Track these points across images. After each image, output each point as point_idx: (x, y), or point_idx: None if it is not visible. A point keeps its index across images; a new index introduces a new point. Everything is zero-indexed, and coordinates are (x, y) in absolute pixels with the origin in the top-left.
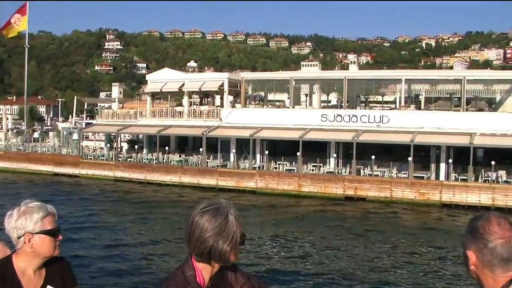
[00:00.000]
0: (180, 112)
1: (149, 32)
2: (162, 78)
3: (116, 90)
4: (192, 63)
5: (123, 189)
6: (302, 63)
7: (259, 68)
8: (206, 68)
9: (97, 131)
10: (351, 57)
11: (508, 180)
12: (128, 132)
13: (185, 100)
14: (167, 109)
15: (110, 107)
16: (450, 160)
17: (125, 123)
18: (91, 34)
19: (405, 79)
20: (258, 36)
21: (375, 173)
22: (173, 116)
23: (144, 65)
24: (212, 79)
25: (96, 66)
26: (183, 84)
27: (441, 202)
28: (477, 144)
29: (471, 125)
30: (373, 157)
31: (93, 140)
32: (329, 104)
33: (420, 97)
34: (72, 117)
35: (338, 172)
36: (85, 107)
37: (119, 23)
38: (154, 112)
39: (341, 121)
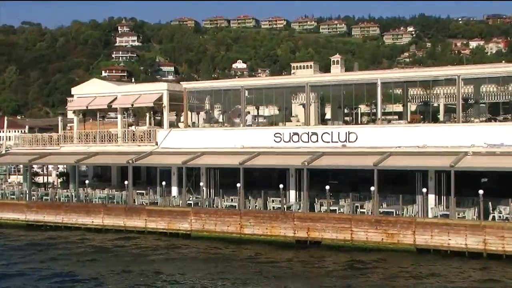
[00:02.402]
0: (114, 134)
1: (180, 22)
2: (91, 92)
3: None
4: (240, 64)
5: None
6: (293, 64)
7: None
8: (259, 71)
9: (2, 163)
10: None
11: (508, 216)
12: (43, 162)
13: (119, 120)
14: (95, 132)
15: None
16: (425, 190)
17: (45, 150)
18: (96, 26)
19: (381, 82)
20: (336, 22)
21: (333, 208)
22: (103, 141)
23: (171, 68)
24: (148, 91)
25: (103, 72)
26: (115, 99)
27: (415, 245)
28: (459, 167)
29: (464, 140)
30: (327, 187)
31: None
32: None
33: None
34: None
35: (286, 207)
36: (26, 131)
37: (136, 10)
38: (81, 135)
39: (298, 140)
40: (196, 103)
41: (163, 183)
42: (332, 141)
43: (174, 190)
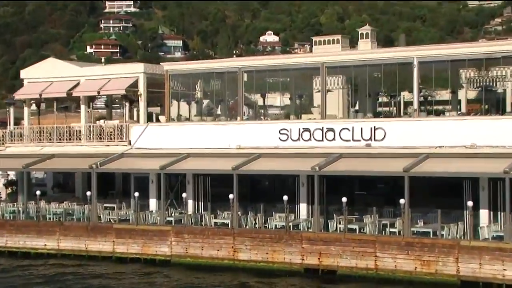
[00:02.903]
0: (77, 131)
1: None
2: (46, 76)
3: None
4: (270, 37)
5: None
6: (314, 39)
7: (397, 42)
8: (296, 46)
9: None
10: None
11: None
12: None
13: (82, 111)
14: (51, 128)
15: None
16: (470, 203)
17: None
18: None
19: (419, 62)
20: None
21: (353, 226)
22: (61, 139)
23: (179, 42)
24: (120, 75)
25: (89, 47)
26: (77, 85)
27: (458, 277)
28: None
29: None
30: (344, 199)
31: None
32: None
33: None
34: None
35: (293, 226)
36: None
37: None
38: (33, 132)
39: (309, 139)
40: (183, 90)
41: (136, 194)
42: (353, 139)
43: (153, 204)
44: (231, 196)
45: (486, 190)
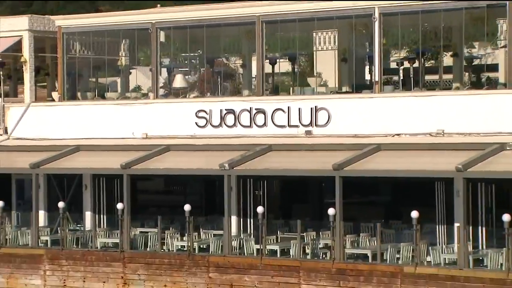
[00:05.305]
0: None
1: None
2: None
3: None
4: None
5: None
6: None
7: None
8: None
9: None
10: None
11: None
12: None
13: None
14: None
15: None
16: (415, 214)
17: None
18: None
19: (382, 13)
20: None
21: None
22: None
23: None
24: None
25: None
26: None
27: None
28: (473, 172)
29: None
30: (260, 209)
31: None
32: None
33: None
34: None
35: (198, 247)
36: None
37: None
38: None
39: (233, 124)
40: (89, 55)
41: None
42: (289, 125)
43: (42, 217)
44: (119, 205)
45: (461, 195)
